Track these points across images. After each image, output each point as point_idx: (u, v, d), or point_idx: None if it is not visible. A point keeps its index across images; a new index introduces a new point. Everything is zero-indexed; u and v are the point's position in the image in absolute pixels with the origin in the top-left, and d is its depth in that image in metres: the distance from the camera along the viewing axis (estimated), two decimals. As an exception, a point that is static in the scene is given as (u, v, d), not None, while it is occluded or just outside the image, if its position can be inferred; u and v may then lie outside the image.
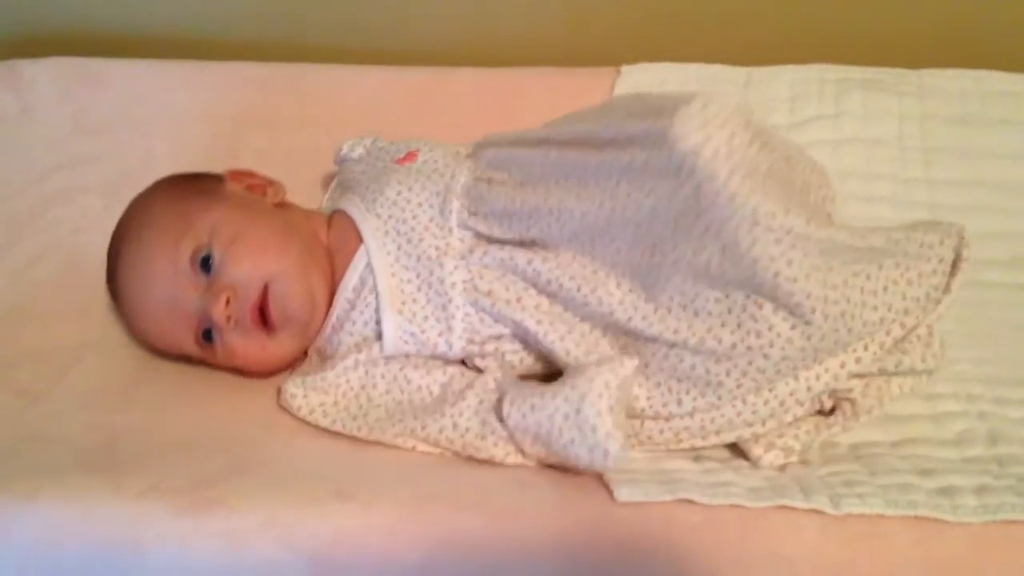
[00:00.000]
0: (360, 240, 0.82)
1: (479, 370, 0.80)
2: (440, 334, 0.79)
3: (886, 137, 1.00)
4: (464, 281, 0.78)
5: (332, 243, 0.85)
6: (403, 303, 0.79)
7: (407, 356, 0.80)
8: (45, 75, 1.07)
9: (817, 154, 0.98)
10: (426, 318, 0.79)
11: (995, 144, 0.99)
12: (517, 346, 0.78)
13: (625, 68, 1.07)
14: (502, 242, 0.79)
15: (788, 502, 0.66)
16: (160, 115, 1.07)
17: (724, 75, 1.06)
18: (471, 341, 0.79)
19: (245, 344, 0.80)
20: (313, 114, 1.08)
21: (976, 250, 0.93)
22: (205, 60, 1.11)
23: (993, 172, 0.98)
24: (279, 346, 0.81)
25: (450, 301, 0.78)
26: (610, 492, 0.67)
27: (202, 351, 0.82)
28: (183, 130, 1.07)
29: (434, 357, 0.80)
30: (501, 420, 0.72)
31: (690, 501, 0.66)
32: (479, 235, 0.80)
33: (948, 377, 0.79)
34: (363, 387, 0.79)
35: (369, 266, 0.81)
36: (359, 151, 0.95)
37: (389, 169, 0.87)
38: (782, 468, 0.73)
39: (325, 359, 0.83)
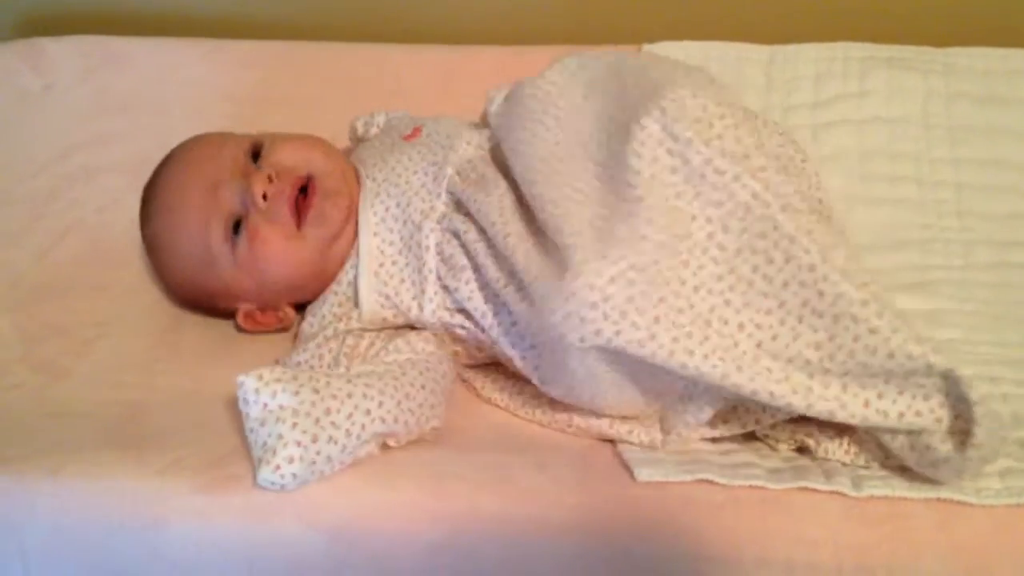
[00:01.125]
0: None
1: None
2: (414, 297, 0.79)
3: (911, 116, 0.99)
4: (436, 244, 0.79)
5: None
6: (381, 264, 0.80)
7: (382, 330, 0.80)
8: (67, 53, 1.08)
9: (841, 133, 0.98)
10: (402, 280, 0.79)
11: (1022, 123, 0.98)
12: (483, 338, 0.78)
13: (647, 46, 1.06)
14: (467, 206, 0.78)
15: (809, 484, 0.66)
16: (181, 93, 1.08)
17: (747, 53, 1.05)
18: (444, 307, 0.79)
19: (270, 231, 0.80)
20: (334, 93, 1.08)
21: (1001, 231, 0.93)
22: (226, 38, 1.11)
23: (1020, 152, 0.96)
24: (301, 244, 0.81)
25: (424, 264, 0.79)
26: (630, 472, 0.67)
27: (224, 244, 0.81)
28: (204, 108, 1.07)
29: (408, 324, 0.80)
30: None
31: (710, 482, 0.66)
32: (461, 201, 0.79)
33: (971, 359, 0.78)
34: (336, 358, 0.78)
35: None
36: (373, 130, 0.96)
37: (396, 145, 0.87)
38: (800, 451, 0.73)
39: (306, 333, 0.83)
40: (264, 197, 0.80)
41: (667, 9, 1.11)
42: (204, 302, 0.87)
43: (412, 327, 0.81)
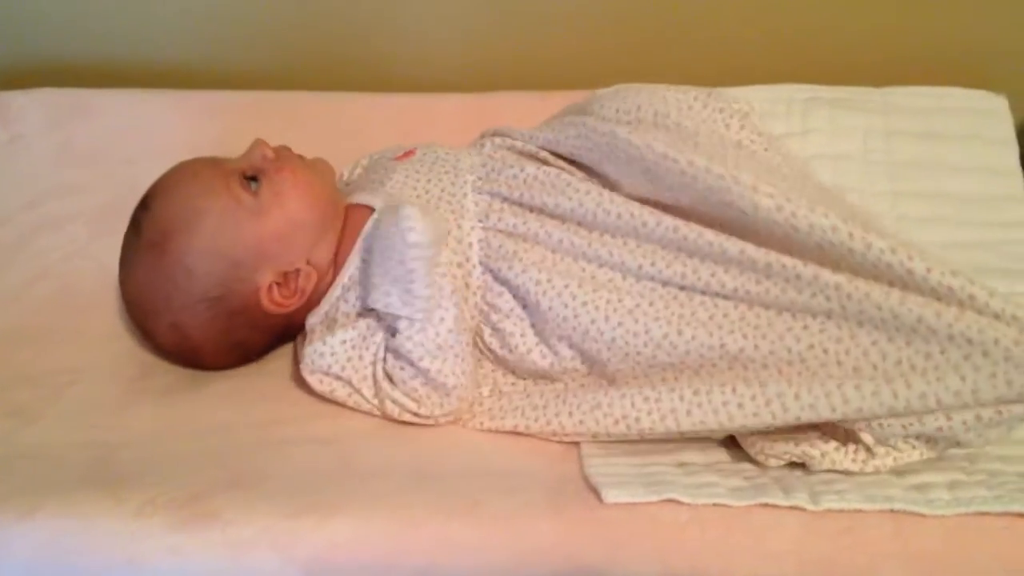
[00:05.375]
0: (371, 212, 0.84)
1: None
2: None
3: (852, 153, 1.03)
4: (480, 240, 0.82)
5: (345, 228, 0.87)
6: None
7: None
8: (33, 106, 1.08)
9: (788, 169, 1.02)
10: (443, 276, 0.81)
11: (956, 158, 1.02)
12: (519, 328, 0.81)
13: (600, 91, 1.10)
14: (516, 203, 0.84)
15: (769, 500, 0.68)
16: (147, 144, 1.08)
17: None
18: (485, 301, 0.82)
19: (295, 166, 0.86)
20: (299, 140, 1.07)
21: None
22: (190, 89, 1.13)
23: (954, 185, 1.01)
24: (315, 175, 0.87)
25: (467, 260, 0.82)
26: (598, 495, 0.69)
27: (245, 192, 0.83)
28: (169, 158, 1.05)
29: None
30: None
31: (676, 501, 0.68)
32: (494, 195, 0.84)
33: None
34: (359, 349, 0.81)
35: None
36: (357, 171, 0.99)
37: (390, 166, 0.90)
38: (764, 469, 0.75)
39: (333, 326, 0.83)
40: (270, 160, 0.85)
41: (618, 57, 1.15)
42: (228, 278, 0.83)
43: None
